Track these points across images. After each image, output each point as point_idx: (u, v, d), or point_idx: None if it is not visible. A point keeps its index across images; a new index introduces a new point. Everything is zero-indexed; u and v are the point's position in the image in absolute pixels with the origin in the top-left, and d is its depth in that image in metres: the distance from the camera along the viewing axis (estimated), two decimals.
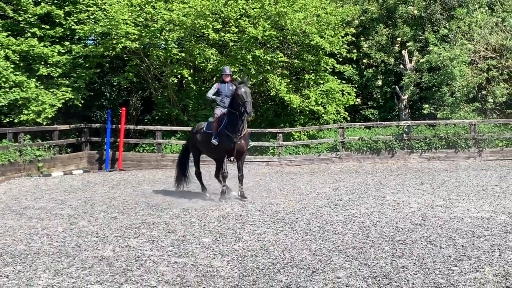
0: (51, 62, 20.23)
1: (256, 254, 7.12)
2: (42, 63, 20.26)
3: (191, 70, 21.03)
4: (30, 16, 20.01)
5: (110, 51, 19.77)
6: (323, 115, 20.54)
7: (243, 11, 19.65)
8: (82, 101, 20.55)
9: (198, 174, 12.80)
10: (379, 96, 23.49)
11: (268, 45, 20.56)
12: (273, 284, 5.95)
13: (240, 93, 11.04)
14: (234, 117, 11.23)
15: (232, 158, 11.71)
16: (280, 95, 19.96)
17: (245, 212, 10.06)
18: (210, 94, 12.18)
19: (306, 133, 20.71)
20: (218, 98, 12.02)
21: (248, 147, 12.14)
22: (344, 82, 21.86)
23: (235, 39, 19.71)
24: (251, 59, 19.51)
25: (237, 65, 19.55)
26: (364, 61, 23.28)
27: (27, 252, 7.44)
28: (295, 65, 21.26)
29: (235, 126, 11.27)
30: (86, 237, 8.30)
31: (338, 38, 20.68)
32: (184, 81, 21.90)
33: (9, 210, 10.94)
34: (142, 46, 19.94)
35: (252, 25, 19.48)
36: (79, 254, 7.28)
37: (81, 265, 6.77)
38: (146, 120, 24.26)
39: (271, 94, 20.77)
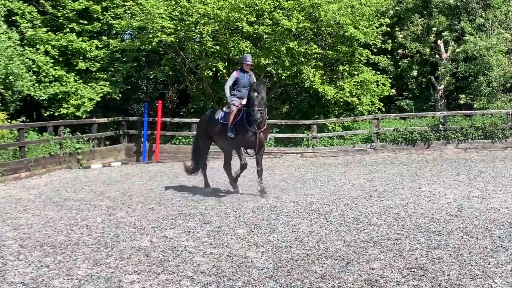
0: (90, 56, 20.63)
1: (290, 245, 7.13)
2: (81, 57, 20.67)
3: (226, 63, 21.13)
4: (68, 11, 20.40)
5: (147, 45, 20.04)
6: (357, 106, 20.42)
7: (277, 3, 19.62)
8: (120, 95, 20.91)
9: (203, 166, 12.36)
10: (414, 87, 23.22)
11: (302, 37, 20.50)
12: (308, 275, 5.95)
13: (251, 96, 10.59)
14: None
15: (250, 151, 11.28)
16: (314, 86, 19.90)
17: (279, 204, 10.09)
18: (228, 86, 11.42)
19: (340, 124, 20.62)
20: (235, 87, 11.40)
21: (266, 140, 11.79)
22: (378, 73, 21.67)
23: (269, 32, 19.71)
24: (285, 51, 19.49)
25: (271, 57, 19.57)
26: (399, 51, 23.05)
27: (67, 243, 7.60)
28: (329, 56, 21.15)
29: (253, 121, 10.74)
30: (124, 227, 8.44)
31: (373, 29, 20.48)
32: (219, 74, 22.03)
33: (50, 202, 11.21)
34: (177, 40, 20.12)
35: (286, 17, 19.44)
36: (117, 245, 7.42)
37: (119, 256, 6.89)
38: (182, 113, 24.51)
39: (305, 86, 20.73)
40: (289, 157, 18.76)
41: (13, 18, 20.00)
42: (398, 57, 23.22)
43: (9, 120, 17.05)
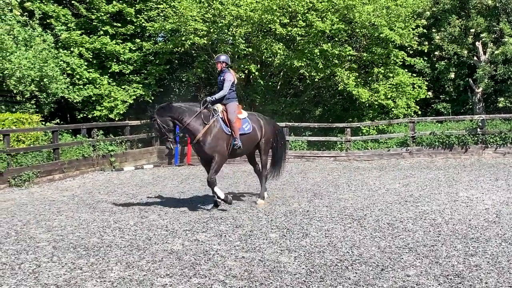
0: (123, 59, 20.82)
1: (323, 251, 7.03)
2: (114, 60, 20.88)
3: (258, 65, 21.09)
4: (102, 14, 20.64)
5: (179, 48, 20.12)
6: (392, 109, 20.15)
7: (311, 4, 19.49)
8: (152, 97, 21.04)
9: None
10: (451, 89, 22.82)
11: (336, 39, 20.32)
12: (341, 281, 5.85)
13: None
14: None
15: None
16: (348, 89, 19.71)
17: (312, 208, 9.98)
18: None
19: (375, 128, 20.37)
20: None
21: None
22: (414, 75, 21.38)
23: (303, 33, 19.59)
24: (318, 53, 19.35)
25: (304, 59, 19.45)
26: (436, 53, 22.68)
27: (100, 245, 7.62)
28: (364, 58, 20.93)
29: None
30: (156, 230, 8.43)
31: (409, 30, 20.22)
32: (251, 76, 21.99)
33: (83, 204, 11.29)
34: (210, 42, 20.16)
35: (319, 19, 19.30)
36: (150, 247, 7.40)
37: (151, 258, 6.87)
38: None
39: (339, 88, 20.56)
40: (322, 161, 18.59)
41: (48, 21, 20.31)
42: (435, 59, 22.85)
43: (43, 122, 17.27)
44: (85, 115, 20.59)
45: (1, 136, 14.11)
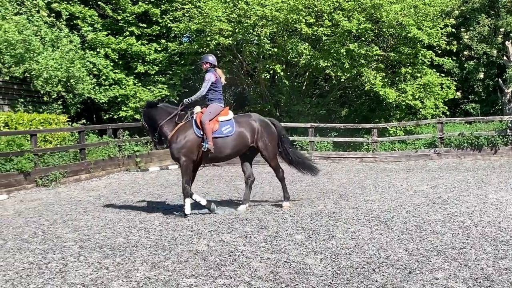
0: (148, 60, 20.94)
1: (350, 253, 6.93)
2: (140, 61, 21.01)
3: (284, 65, 21.02)
4: (128, 15, 20.79)
5: (204, 48, 20.16)
6: (420, 109, 19.93)
7: (337, 4, 19.38)
8: (178, 98, 21.11)
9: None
10: (480, 90, 22.49)
11: (363, 38, 20.16)
12: (368, 284, 5.76)
13: None
14: None
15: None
16: (374, 89, 19.53)
17: (338, 209, 9.86)
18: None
19: (402, 128, 20.15)
20: None
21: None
22: (443, 75, 21.10)
23: (329, 33, 19.47)
24: (344, 53, 19.21)
25: (330, 59, 19.32)
26: (464, 53, 22.39)
27: (125, 245, 7.62)
28: (391, 58, 20.73)
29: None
30: (182, 231, 8.41)
31: (437, 30, 19.96)
32: (276, 77, 21.95)
33: (109, 204, 11.35)
34: (235, 42, 20.16)
35: (346, 18, 19.16)
36: (175, 248, 7.38)
37: (177, 259, 6.84)
38: None
39: (365, 89, 20.39)
40: (348, 162, 18.42)
41: (74, 21, 20.54)
42: (464, 58, 22.56)
43: (70, 123, 17.45)
44: (111, 115, 20.75)
45: (29, 136, 14.26)
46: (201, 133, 9.62)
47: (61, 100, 18.37)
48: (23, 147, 13.89)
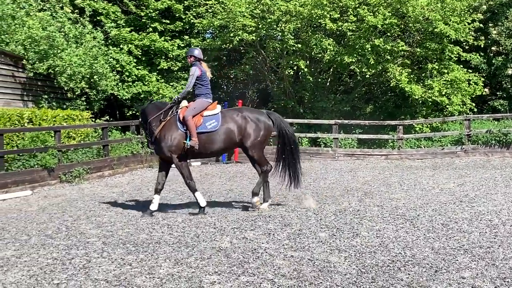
0: (171, 56, 20.97)
1: (374, 251, 6.83)
2: (163, 57, 21.06)
3: (307, 61, 20.89)
4: (151, 11, 20.86)
5: (228, 44, 20.13)
6: (447, 106, 19.65)
7: None
8: None
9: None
10: (509, 86, 22.13)
11: (388, 34, 19.94)
12: (393, 282, 5.66)
13: None
14: None
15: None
16: (400, 85, 19.31)
17: (362, 207, 9.74)
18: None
19: (428, 125, 19.90)
20: None
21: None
22: (470, 71, 20.78)
23: (353, 29, 19.28)
24: (370, 49, 19.00)
25: (355, 55, 19.14)
26: (492, 48, 22.04)
27: (148, 241, 7.60)
28: (417, 54, 20.48)
29: None
30: (205, 228, 8.37)
31: (464, 25, 19.64)
32: (300, 73, 21.81)
33: (132, 200, 11.38)
34: (258, 38, 20.09)
35: (371, 14, 18.96)
36: (198, 245, 7.34)
37: (200, 256, 6.80)
38: None
39: (391, 85, 20.17)
40: (373, 159, 18.24)
41: (98, 18, 20.66)
42: (492, 54, 22.21)
43: (93, 119, 17.54)
44: (134, 112, 20.82)
45: (52, 132, 14.38)
46: (185, 128, 9.40)
47: (85, 96, 18.49)
48: (47, 143, 13.99)
